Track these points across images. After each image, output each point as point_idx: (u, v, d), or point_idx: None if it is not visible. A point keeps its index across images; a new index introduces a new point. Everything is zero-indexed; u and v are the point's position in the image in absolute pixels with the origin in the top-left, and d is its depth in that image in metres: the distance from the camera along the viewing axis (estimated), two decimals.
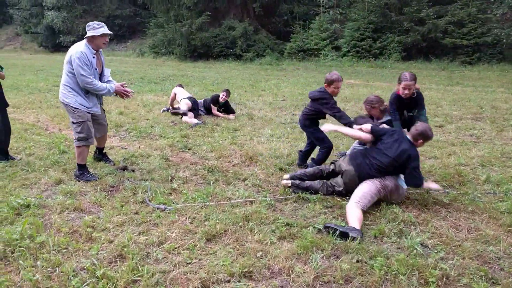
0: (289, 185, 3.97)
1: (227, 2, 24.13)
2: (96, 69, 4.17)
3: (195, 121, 7.36)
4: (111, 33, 4.16)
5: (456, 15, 17.68)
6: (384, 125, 4.26)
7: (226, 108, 8.13)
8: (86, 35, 4.07)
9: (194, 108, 7.87)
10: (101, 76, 4.36)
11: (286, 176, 4.15)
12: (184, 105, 7.72)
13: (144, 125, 7.15)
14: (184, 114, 7.65)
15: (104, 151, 5.04)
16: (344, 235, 2.91)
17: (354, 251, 2.77)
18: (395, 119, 4.32)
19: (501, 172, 4.55)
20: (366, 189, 3.47)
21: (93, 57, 4.10)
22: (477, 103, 9.46)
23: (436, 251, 2.81)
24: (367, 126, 3.94)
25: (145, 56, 27.94)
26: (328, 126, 4.21)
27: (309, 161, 4.86)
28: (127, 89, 4.43)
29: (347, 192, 3.68)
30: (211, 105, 8.02)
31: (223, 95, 7.95)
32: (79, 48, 4.01)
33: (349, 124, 4.22)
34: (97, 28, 4.03)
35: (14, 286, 2.37)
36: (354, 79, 15.14)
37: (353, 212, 3.20)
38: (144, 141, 6.15)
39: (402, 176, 3.68)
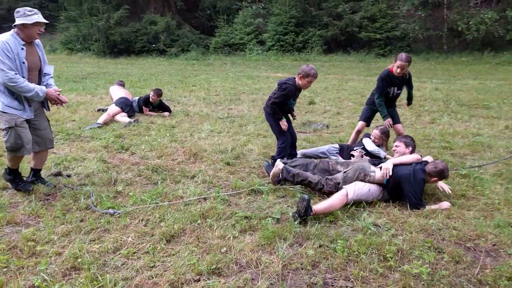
0: (280, 168, 3.85)
1: None
2: (24, 63, 3.47)
3: (127, 120, 6.99)
4: (47, 21, 3.58)
5: (369, 10, 19.02)
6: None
7: (161, 107, 7.85)
8: (15, 23, 3.45)
9: (124, 108, 7.42)
10: (40, 74, 3.72)
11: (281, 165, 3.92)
12: (106, 115, 7.09)
13: (71, 127, 6.62)
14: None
15: (40, 174, 4.09)
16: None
17: (315, 237, 2.87)
18: (380, 93, 4.61)
19: (427, 152, 5.02)
20: (366, 189, 3.51)
21: (22, 49, 3.46)
22: None
23: (387, 228, 3.02)
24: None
25: (57, 53, 25.77)
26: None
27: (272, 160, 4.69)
28: (62, 97, 3.81)
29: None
30: (143, 107, 7.69)
31: (152, 95, 7.64)
32: (2, 38, 3.40)
33: (277, 116, 4.37)
34: (30, 15, 3.42)
35: None
36: (281, 72, 15.56)
37: (334, 199, 3.29)
38: (75, 144, 5.69)
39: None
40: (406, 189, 3.39)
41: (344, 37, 19.71)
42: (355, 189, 3.43)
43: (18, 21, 3.43)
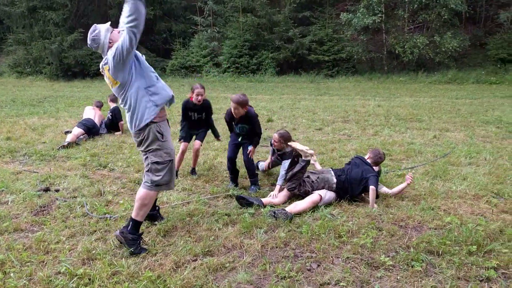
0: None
1: (101, 18, 23.32)
2: None
3: (67, 141, 7.11)
4: None
5: (317, 34, 20.60)
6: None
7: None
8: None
9: (85, 129, 7.69)
10: None
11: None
12: (71, 135, 7.32)
13: (44, 148, 6.90)
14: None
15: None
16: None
17: (284, 225, 3.57)
18: (183, 119, 5.39)
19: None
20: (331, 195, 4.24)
21: None
22: (342, 108, 11.44)
23: (340, 216, 3.80)
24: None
25: (5, 76, 24.99)
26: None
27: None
28: None
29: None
30: (121, 121, 8.18)
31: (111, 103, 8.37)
32: None
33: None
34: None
35: None
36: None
37: (308, 203, 3.99)
38: (52, 164, 6.03)
39: None
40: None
41: (295, 59, 21.08)
42: (325, 197, 4.16)
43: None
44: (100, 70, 3.19)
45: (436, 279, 2.70)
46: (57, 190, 4.73)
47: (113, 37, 3.04)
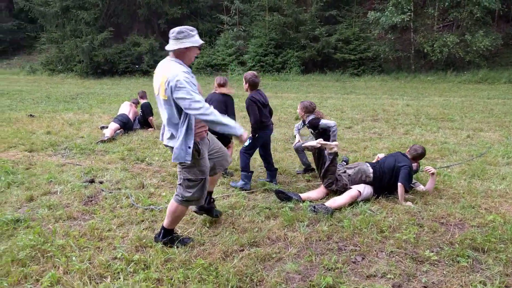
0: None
1: (130, 18, 23.91)
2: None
3: (106, 136, 7.40)
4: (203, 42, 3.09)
5: (343, 33, 20.46)
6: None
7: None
8: (176, 47, 2.89)
9: (124, 126, 8.03)
10: None
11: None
12: (109, 130, 7.70)
13: (82, 142, 7.18)
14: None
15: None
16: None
17: (325, 219, 3.65)
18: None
19: None
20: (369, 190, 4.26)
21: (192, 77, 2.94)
22: (371, 107, 11.37)
23: (379, 212, 3.84)
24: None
25: (38, 74, 25.85)
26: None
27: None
28: None
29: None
30: (151, 117, 8.42)
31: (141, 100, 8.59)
32: (178, 70, 2.82)
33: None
34: (193, 36, 2.94)
35: (61, 278, 2.68)
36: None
37: (347, 199, 4.04)
38: (92, 157, 6.28)
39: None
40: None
41: (320, 58, 20.99)
42: (364, 192, 4.19)
43: (179, 44, 2.89)
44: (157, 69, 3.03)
45: (483, 275, 2.72)
46: (101, 182, 4.95)
47: (189, 54, 2.94)
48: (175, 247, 3.10)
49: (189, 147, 2.86)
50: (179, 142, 2.86)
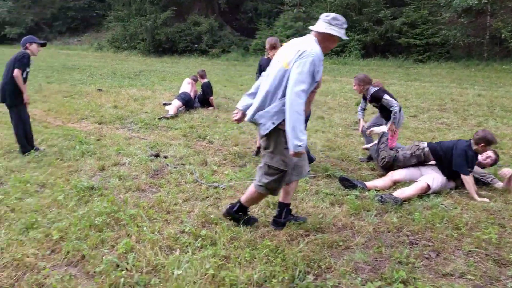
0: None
1: None
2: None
3: (170, 113, 7.61)
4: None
5: (410, 16, 19.26)
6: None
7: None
8: (322, 30, 2.86)
9: (186, 104, 8.22)
10: None
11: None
12: (172, 107, 7.88)
13: (146, 118, 7.44)
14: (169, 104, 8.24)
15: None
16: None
17: (393, 210, 3.48)
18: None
19: None
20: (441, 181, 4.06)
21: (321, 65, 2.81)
22: (437, 96, 10.68)
23: (453, 207, 3.59)
24: None
25: (104, 51, 27.20)
26: None
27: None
28: None
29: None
30: (211, 97, 8.53)
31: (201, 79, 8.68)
32: (314, 48, 2.76)
33: None
34: (343, 28, 2.97)
35: (134, 246, 2.79)
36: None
37: (415, 190, 3.87)
38: (155, 133, 6.49)
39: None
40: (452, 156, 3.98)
41: (383, 42, 20.00)
42: (433, 185, 3.93)
43: (329, 29, 2.87)
44: (284, 43, 3.01)
45: None
46: (165, 157, 5.10)
47: (329, 43, 2.90)
48: (240, 226, 3.10)
49: (273, 123, 2.76)
50: (269, 114, 2.77)
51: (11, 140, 5.63)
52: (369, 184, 4.09)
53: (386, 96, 4.69)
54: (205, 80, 8.73)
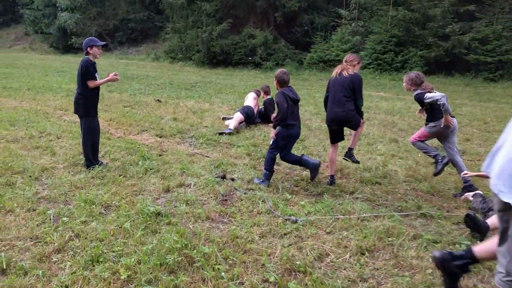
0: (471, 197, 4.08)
1: (248, 10, 24.28)
2: None
3: (229, 128, 7.23)
4: None
5: (480, 31, 17.93)
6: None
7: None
8: None
9: (248, 119, 7.87)
10: None
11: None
12: (234, 121, 7.55)
13: (208, 132, 7.14)
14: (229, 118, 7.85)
15: None
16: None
17: None
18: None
19: None
20: None
21: None
22: None
23: None
24: None
25: (160, 61, 27.97)
26: None
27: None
28: None
29: None
30: (273, 114, 8.09)
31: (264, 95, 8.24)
32: None
33: None
34: None
35: None
36: (383, 92, 15.28)
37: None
38: (218, 150, 6.14)
39: None
40: None
41: (448, 59, 18.75)
42: None
43: None
44: None
45: None
46: (232, 179, 4.69)
47: None
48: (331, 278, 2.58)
49: None
50: None
51: (76, 151, 5.52)
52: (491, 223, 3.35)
53: (427, 94, 4.30)
54: (269, 97, 8.35)
